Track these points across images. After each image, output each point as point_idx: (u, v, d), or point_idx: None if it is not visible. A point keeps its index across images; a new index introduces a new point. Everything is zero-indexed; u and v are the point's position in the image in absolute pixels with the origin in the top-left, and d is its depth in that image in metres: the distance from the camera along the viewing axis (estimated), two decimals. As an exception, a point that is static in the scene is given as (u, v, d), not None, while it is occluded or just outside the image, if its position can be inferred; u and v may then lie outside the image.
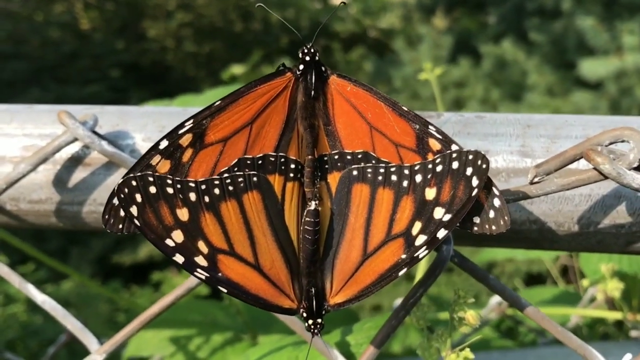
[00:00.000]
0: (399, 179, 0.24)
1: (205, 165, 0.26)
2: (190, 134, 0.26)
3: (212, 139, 0.26)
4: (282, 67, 0.28)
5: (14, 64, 2.93)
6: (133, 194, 0.23)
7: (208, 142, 0.26)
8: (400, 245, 0.24)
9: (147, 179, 0.23)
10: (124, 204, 0.23)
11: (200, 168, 0.26)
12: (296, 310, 0.26)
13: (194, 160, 0.26)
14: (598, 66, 2.30)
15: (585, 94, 2.37)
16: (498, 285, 0.28)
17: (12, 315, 1.59)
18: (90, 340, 0.31)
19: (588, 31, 2.33)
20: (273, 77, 0.28)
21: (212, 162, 0.26)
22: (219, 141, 0.27)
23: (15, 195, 0.32)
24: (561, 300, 0.72)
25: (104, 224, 0.25)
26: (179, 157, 0.26)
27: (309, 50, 0.27)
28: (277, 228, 0.25)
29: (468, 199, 0.23)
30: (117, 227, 0.25)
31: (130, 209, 0.23)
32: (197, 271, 0.24)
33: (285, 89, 0.28)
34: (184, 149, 0.26)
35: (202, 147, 0.26)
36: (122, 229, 0.25)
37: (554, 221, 0.29)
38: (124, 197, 0.23)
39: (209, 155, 0.26)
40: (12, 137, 0.32)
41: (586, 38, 2.35)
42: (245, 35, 3.52)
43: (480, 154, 0.23)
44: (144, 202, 0.23)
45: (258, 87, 0.27)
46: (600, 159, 0.23)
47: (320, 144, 0.27)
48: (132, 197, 0.23)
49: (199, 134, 0.26)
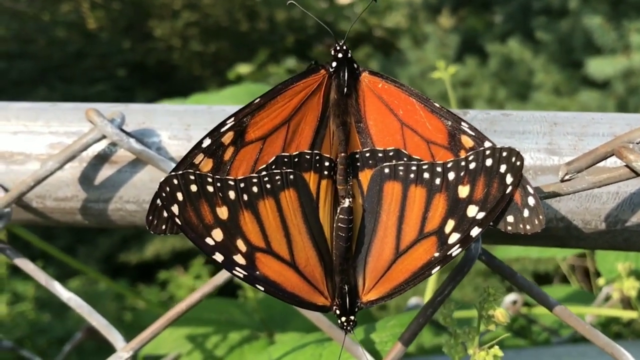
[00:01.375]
0: (431, 176, 0.24)
1: (246, 163, 0.26)
2: (231, 132, 0.26)
3: (252, 137, 0.27)
4: (314, 64, 0.28)
5: (21, 64, 2.93)
6: (175, 192, 0.23)
7: (248, 140, 0.26)
8: (433, 243, 0.24)
9: (189, 177, 0.23)
10: (165, 203, 0.23)
11: (241, 166, 0.26)
12: (330, 307, 0.26)
13: (235, 158, 0.26)
14: (605, 65, 2.29)
15: (593, 93, 2.37)
16: (526, 283, 0.28)
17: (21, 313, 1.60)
18: (117, 337, 0.31)
19: (595, 30, 2.32)
20: (308, 74, 0.28)
21: (252, 159, 0.26)
22: (259, 139, 0.27)
23: (42, 192, 0.32)
24: (574, 300, 0.72)
25: (148, 225, 0.25)
26: (221, 156, 0.26)
27: (341, 47, 0.27)
28: (312, 225, 0.25)
29: (502, 197, 0.23)
30: (160, 228, 0.25)
31: (172, 207, 0.23)
32: (236, 269, 0.24)
33: (320, 86, 0.28)
34: (225, 147, 0.26)
35: (243, 145, 0.26)
36: (165, 230, 0.25)
37: (581, 219, 0.29)
38: (165, 195, 0.23)
39: (250, 153, 0.26)
40: (38, 135, 0.32)
41: (593, 37, 2.34)
42: (251, 35, 3.52)
43: (515, 151, 0.23)
44: (185, 200, 0.23)
45: (294, 84, 0.27)
46: (633, 157, 0.23)
47: (352, 141, 0.27)
48: (174, 195, 0.23)
49: (240, 132, 0.26)
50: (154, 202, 0.25)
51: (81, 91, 2.93)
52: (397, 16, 3.61)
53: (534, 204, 0.24)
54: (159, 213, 0.25)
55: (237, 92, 0.63)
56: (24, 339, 1.47)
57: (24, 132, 0.32)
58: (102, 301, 1.76)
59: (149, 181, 0.31)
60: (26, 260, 0.32)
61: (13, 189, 0.31)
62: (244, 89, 0.64)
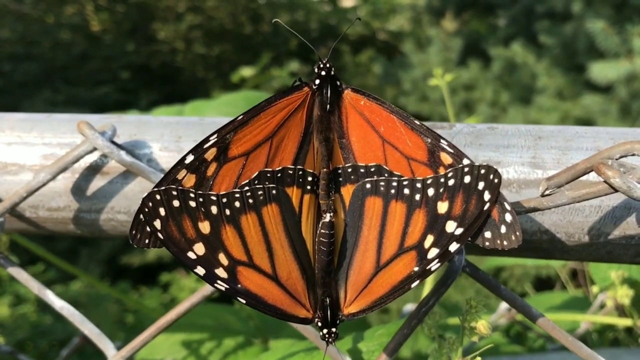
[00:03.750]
0: (411, 192, 0.25)
1: (229, 179, 0.27)
2: (214, 148, 0.27)
3: (235, 153, 0.27)
4: (298, 82, 0.28)
5: (26, 65, 2.95)
6: (157, 207, 0.23)
7: (231, 156, 0.27)
8: (412, 257, 0.25)
9: (171, 192, 0.23)
10: (147, 218, 0.23)
11: (223, 182, 0.27)
12: (312, 319, 0.26)
13: (218, 174, 0.27)
14: (608, 69, 2.29)
15: (595, 97, 2.37)
16: (509, 295, 0.28)
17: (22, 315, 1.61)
18: (108, 346, 0.31)
19: (598, 34, 2.32)
20: (291, 91, 0.28)
21: (235, 175, 0.27)
22: (242, 155, 0.27)
23: (35, 202, 0.32)
24: (571, 306, 0.72)
25: (131, 239, 0.26)
26: (204, 171, 0.26)
27: (325, 65, 0.28)
28: (294, 239, 0.26)
29: (480, 213, 0.24)
30: (143, 242, 0.26)
31: (154, 222, 0.23)
32: (218, 283, 0.24)
33: (303, 102, 0.28)
34: (208, 163, 0.27)
35: (226, 161, 0.27)
36: (148, 244, 0.26)
37: (564, 232, 0.29)
38: (148, 210, 0.23)
39: (232, 169, 0.27)
40: (32, 146, 0.33)
41: (596, 41, 2.34)
42: (255, 38, 3.53)
43: (492, 169, 0.23)
44: (167, 215, 0.23)
45: (277, 101, 0.28)
46: (610, 173, 0.24)
47: (334, 156, 0.28)
48: (156, 210, 0.23)
49: (223, 148, 0.27)
50: (137, 216, 0.25)
51: (86, 93, 2.94)
52: (401, 19, 3.61)
53: (511, 220, 0.24)
54: (142, 227, 0.25)
55: (235, 99, 0.64)
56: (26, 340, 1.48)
57: (18, 143, 0.33)
58: (104, 303, 1.77)
59: (139, 192, 0.32)
60: (20, 269, 0.33)
61: (6, 200, 0.31)
62: (241, 96, 0.64)
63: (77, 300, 1.78)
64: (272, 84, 3.15)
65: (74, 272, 0.59)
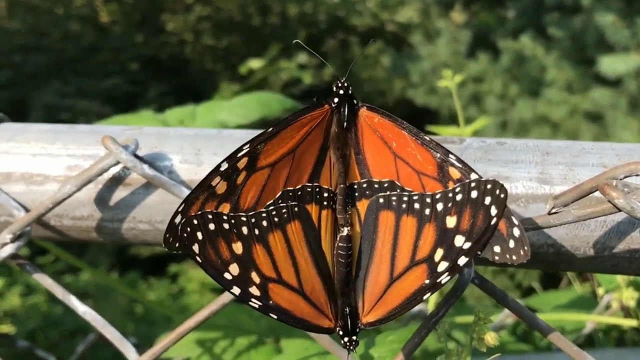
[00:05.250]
0: (421, 207, 0.26)
1: (255, 187, 0.28)
2: (246, 158, 0.28)
3: (263, 164, 0.28)
4: (317, 100, 0.30)
5: (36, 57, 2.97)
6: (195, 232, 0.24)
7: (259, 166, 0.28)
8: (424, 270, 0.26)
9: (207, 216, 0.24)
10: (187, 243, 0.24)
11: (250, 190, 0.28)
12: (334, 329, 0.28)
13: (247, 182, 0.28)
14: (618, 63, 2.28)
15: (605, 90, 2.36)
16: (517, 307, 0.29)
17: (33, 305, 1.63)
18: (129, 350, 0.33)
19: (608, 27, 2.31)
20: (313, 108, 0.29)
21: (261, 184, 0.28)
22: (268, 166, 0.28)
23: (59, 212, 0.34)
24: (577, 305, 0.73)
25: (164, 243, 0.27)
26: (235, 179, 0.28)
27: (343, 84, 0.29)
28: (316, 253, 0.27)
29: (487, 227, 0.24)
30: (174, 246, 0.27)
31: (192, 246, 0.24)
32: (252, 301, 0.25)
33: (322, 119, 0.29)
34: (239, 172, 0.28)
35: (254, 170, 0.28)
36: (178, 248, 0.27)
37: (570, 245, 0.30)
38: (187, 236, 0.24)
39: (259, 179, 0.28)
40: (56, 157, 0.34)
41: (606, 34, 2.33)
42: (263, 29, 3.53)
43: (499, 184, 0.24)
44: (204, 239, 0.24)
45: (302, 117, 0.29)
46: (615, 194, 0.25)
47: (351, 172, 0.29)
48: (194, 235, 0.24)
49: (253, 158, 0.28)
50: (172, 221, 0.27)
51: (95, 84, 2.95)
52: (409, 11, 3.60)
53: (519, 234, 0.25)
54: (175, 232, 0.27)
55: (247, 100, 0.65)
56: (37, 330, 1.50)
57: (43, 155, 0.34)
58: (113, 294, 1.79)
59: (160, 203, 0.33)
60: (44, 275, 0.34)
61: (33, 210, 0.32)
62: (254, 98, 0.65)
63: (86, 291, 1.80)
64: (280, 76, 3.16)
65: (82, 267, 0.60)
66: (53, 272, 1.77)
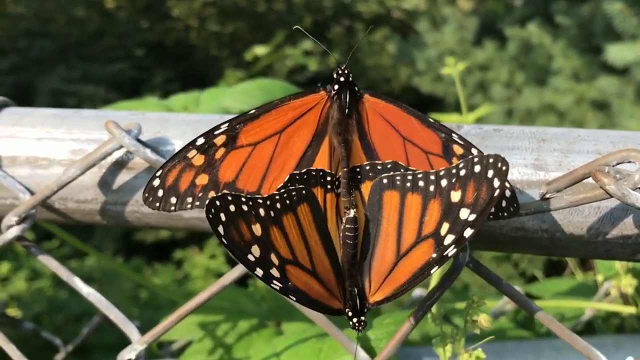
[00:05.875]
0: (425, 184, 0.27)
1: (235, 164, 0.30)
2: (224, 136, 0.30)
3: (243, 142, 0.30)
4: (318, 86, 0.30)
5: (41, 42, 2.97)
6: (218, 213, 0.24)
7: (239, 145, 0.30)
8: (430, 245, 0.26)
9: (227, 198, 0.25)
10: (212, 224, 0.24)
11: (230, 165, 0.29)
12: (343, 310, 0.28)
13: (225, 158, 0.29)
14: (625, 51, 2.27)
15: (612, 79, 2.35)
16: (510, 290, 0.30)
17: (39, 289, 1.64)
18: (132, 330, 0.33)
19: (616, 15, 2.30)
20: (307, 93, 0.30)
21: (241, 162, 0.30)
22: (249, 145, 0.30)
23: (64, 195, 0.34)
24: (577, 293, 0.73)
25: (144, 201, 0.29)
26: (212, 154, 0.29)
27: (343, 71, 0.30)
28: (323, 236, 0.28)
29: (490, 199, 0.25)
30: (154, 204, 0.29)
31: (217, 228, 0.24)
32: (273, 282, 0.26)
33: (317, 105, 0.30)
34: (217, 148, 0.29)
35: (234, 148, 0.30)
36: (158, 207, 0.29)
37: (564, 230, 0.30)
38: (212, 217, 0.24)
39: (239, 156, 0.30)
40: (61, 142, 0.35)
41: (614, 22, 2.32)
42: (269, 16, 3.52)
43: (500, 157, 0.25)
44: (227, 220, 0.25)
45: (291, 100, 0.30)
46: (606, 180, 0.25)
47: (353, 156, 0.30)
48: (218, 216, 0.24)
49: (232, 136, 0.30)
50: (150, 182, 0.29)
51: (100, 70, 2.96)
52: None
53: (510, 194, 0.27)
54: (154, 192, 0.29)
55: (250, 87, 0.65)
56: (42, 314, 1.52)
57: (48, 139, 0.35)
58: (118, 279, 1.80)
59: (162, 186, 0.33)
60: (49, 257, 0.35)
61: (38, 193, 0.33)
62: (257, 85, 0.66)
63: (91, 276, 1.82)
64: (285, 63, 3.15)
65: (88, 251, 0.61)
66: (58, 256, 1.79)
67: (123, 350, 0.33)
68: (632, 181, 0.25)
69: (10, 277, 1.64)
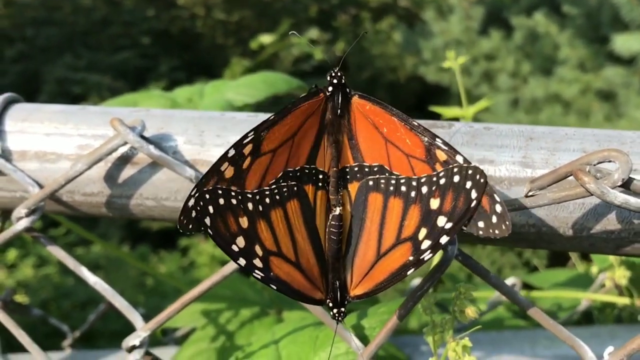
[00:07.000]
0: (407, 189, 0.28)
1: (259, 171, 0.30)
2: (251, 144, 0.30)
3: (265, 149, 0.30)
4: (314, 88, 0.31)
5: (47, 30, 2.98)
6: (207, 206, 0.26)
7: (262, 152, 0.30)
8: (408, 248, 0.28)
9: (217, 192, 0.26)
10: (199, 216, 0.26)
11: (255, 174, 0.30)
12: (324, 301, 0.30)
13: (251, 167, 0.30)
14: (632, 41, 2.27)
15: (618, 69, 2.35)
16: (497, 282, 0.31)
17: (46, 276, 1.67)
18: (136, 318, 0.35)
19: (623, 5, 2.29)
20: (311, 96, 0.31)
21: (264, 169, 0.30)
22: (270, 151, 0.30)
23: (71, 188, 0.36)
24: (575, 284, 0.75)
25: (179, 224, 0.28)
26: (240, 165, 0.29)
27: (336, 74, 0.31)
28: (311, 230, 0.29)
29: (467, 210, 0.26)
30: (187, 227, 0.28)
31: (204, 219, 0.26)
32: (255, 272, 0.27)
33: (318, 107, 0.31)
34: (245, 157, 0.30)
35: (258, 155, 0.30)
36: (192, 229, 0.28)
37: (550, 225, 0.32)
38: (199, 209, 0.26)
39: (262, 163, 0.30)
40: (68, 137, 0.36)
41: (621, 12, 2.31)
42: (275, 4, 3.52)
43: (479, 169, 0.26)
44: (215, 213, 0.26)
45: (301, 105, 0.31)
46: (587, 178, 0.26)
47: (343, 156, 0.31)
48: (207, 208, 0.26)
49: (257, 144, 0.30)
50: (186, 205, 0.28)
51: (106, 58, 2.97)
52: (422, -14, 3.57)
53: (501, 211, 0.27)
54: (189, 215, 0.28)
55: (253, 80, 0.66)
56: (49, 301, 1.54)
57: (56, 134, 0.36)
58: (124, 266, 1.82)
59: (165, 181, 0.35)
60: (58, 248, 0.36)
61: (46, 187, 0.35)
62: (260, 77, 0.67)
63: (97, 263, 1.84)
64: (291, 52, 3.16)
65: (93, 239, 0.63)
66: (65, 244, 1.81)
67: (128, 337, 0.35)
68: (612, 180, 0.27)
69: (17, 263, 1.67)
